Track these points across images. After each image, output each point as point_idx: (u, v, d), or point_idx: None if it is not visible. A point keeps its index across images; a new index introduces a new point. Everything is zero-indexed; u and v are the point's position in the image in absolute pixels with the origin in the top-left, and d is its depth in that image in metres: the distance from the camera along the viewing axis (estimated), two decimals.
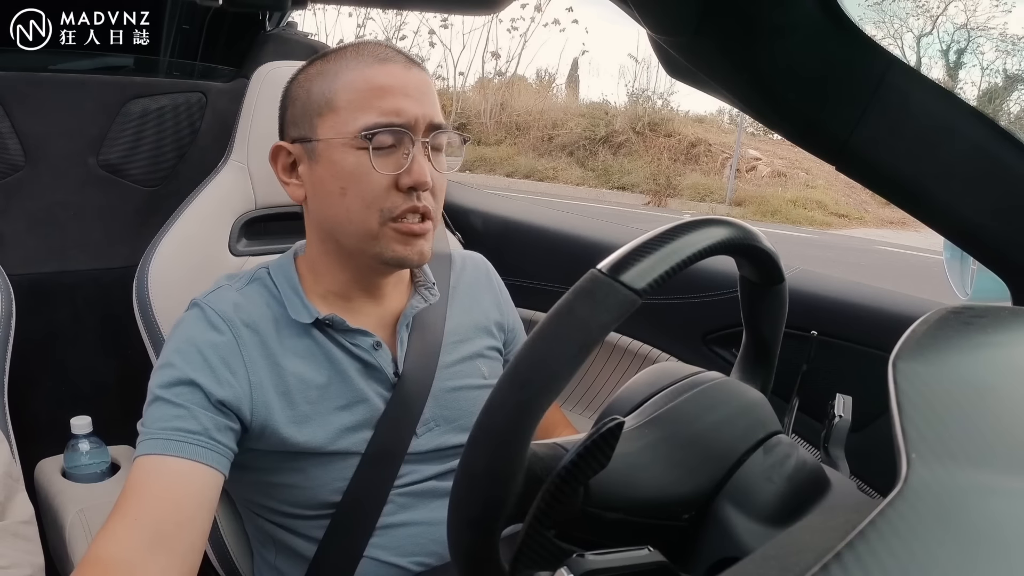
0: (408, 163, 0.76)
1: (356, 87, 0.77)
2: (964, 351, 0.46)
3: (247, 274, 0.87)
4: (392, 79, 0.77)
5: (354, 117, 0.77)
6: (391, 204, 0.77)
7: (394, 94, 0.77)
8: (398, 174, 0.77)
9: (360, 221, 0.78)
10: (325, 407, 0.81)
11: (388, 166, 0.76)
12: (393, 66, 0.78)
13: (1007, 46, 13.21)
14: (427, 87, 0.80)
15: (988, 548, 0.28)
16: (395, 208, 0.77)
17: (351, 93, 0.77)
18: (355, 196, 0.78)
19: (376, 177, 0.76)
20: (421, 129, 0.77)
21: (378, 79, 0.77)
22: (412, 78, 0.78)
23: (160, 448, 0.71)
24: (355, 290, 0.85)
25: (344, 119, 0.77)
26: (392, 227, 0.78)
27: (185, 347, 0.77)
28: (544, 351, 0.42)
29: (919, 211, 0.68)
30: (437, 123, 0.79)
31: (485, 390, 0.90)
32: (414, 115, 0.77)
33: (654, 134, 11.50)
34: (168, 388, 0.75)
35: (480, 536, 0.44)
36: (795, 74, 0.65)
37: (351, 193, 0.78)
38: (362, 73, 0.78)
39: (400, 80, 0.78)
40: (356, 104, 0.77)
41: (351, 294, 0.85)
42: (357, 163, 0.76)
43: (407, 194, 0.77)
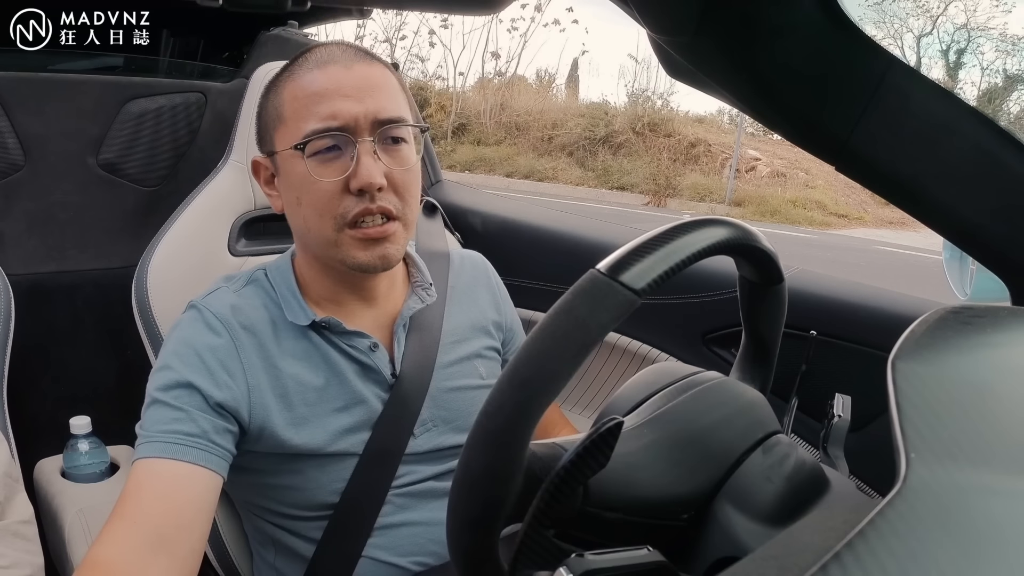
0: (353, 165, 0.75)
1: (297, 95, 0.77)
2: (963, 351, 0.46)
3: (244, 275, 0.87)
4: (329, 82, 0.76)
5: (297, 126, 0.76)
6: (343, 209, 0.76)
7: (330, 97, 0.75)
8: (346, 178, 0.75)
9: (317, 230, 0.78)
10: (323, 409, 0.81)
11: (333, 171, 0.75)
12: (332, 68, 0.76)
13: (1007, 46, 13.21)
14: (373, 82, 0.77)
15: (987, 548, 0.28)
16: (348, 213, 0.76)
17: (294, 102, 0.77)
18: (308, 205, 0.77)
19: (322, 184, 0.75)
20: (365, 128, 0.75)
21: (316, 84, 0.76)
22: (352, 76, 0.76)
23: (159, 451, 0.71)
24: (345, 294, 0.84)
25: (291, 129, 0.77)
26: (349, 234, 0.77)
27: (183, 350, 0.77)
28: (543, 351, 0.42)
29: (919, 211, 0.68)
30: (384, 118, 0.76)
31: (483, 391, 0.90)
32: (352, 115, 0.75)
33: (654, 134, 11.49)
34: (166, 391, 0.75)
35: (479, 536, 0.44)
36: (795, 74, 0.65)
37: (305, 202, 0.78)
38: (302, 80, 0.77)
39: (337, 81, 0.76)
40: (298, 113, 0.76)
41: (342, 299, 0.85)
42: (304, 172, 0.76)
43: (359, 197, 0.75)
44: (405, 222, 0.79)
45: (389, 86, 0.78)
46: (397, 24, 11.85)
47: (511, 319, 1.01)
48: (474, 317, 0.94)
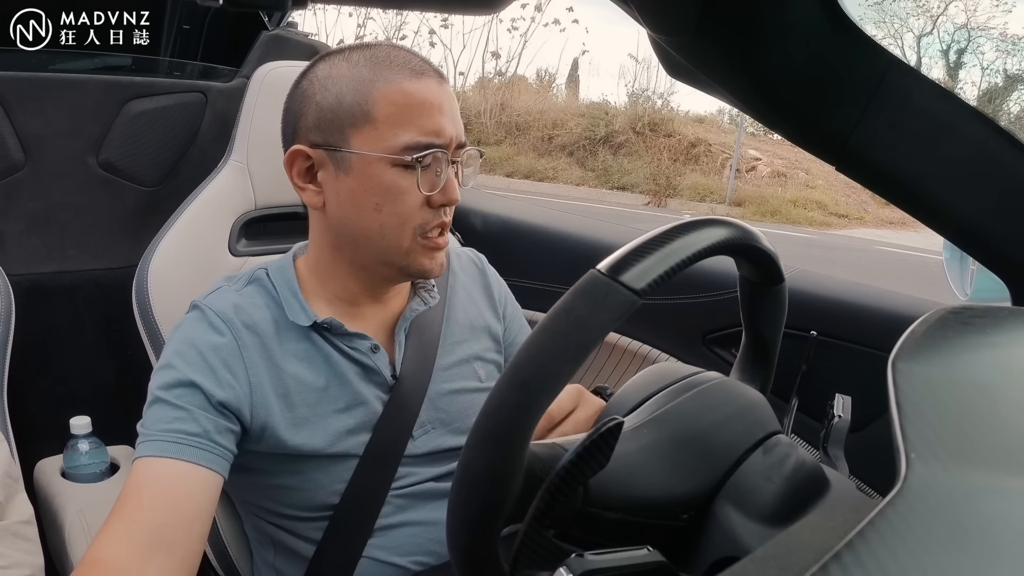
0: (444, 183, 0.77)
1: (395, 100, 0.75)
2: (963, 351, 0.46)
3: (246, 275, 0.87)
4: (430, 95, 0.77)
5: (394, 133, 0.75)
6: (423, 220, 0.78)
7: (432, 112, 0.76)
8: (432, 192, 0.77)
9: (394, 237, 0.79)
10: (324, 410, 0.81)
11: (425, 185, 0.77)
12: (429, 81, 0.77)
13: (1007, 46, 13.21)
14: (455, 103, 0.80)
15: (987, 548, 0.28)
16: (427, 224, 0.78)
17: (390, 107, 0.75)
18: (391, 213, 0.77)
19: (415, 195, 0.77)
20: (454, 146, 0.78)
21: (418, 94, 0.76)
22: (445, 94, 0.78)
23: (160, 450, 0.71)
24: (362, 296, 0.85)
25: (383, 133, 0.75)
26: (420, 242, 0.79)
27: (185, 348, 0.77)
28: (543, 351, 0.42)
29: (919, 211, 0.68)
30: (462, 141, 0.80)
31: (481, 393, 0.90)
32: (450, 135, 0.77)
33: (654, 134, 11.49)
34: (168, 389, 0.74)
35: (479, 536, 0.44)
36: (795, 74, 0.65)
37: (387, 210, 0.77)
38: (400, 86, 0.76)
39: (437, 97, 0.77)
40: (396, 119, 0.75)
41: (358, 300, 0.85)
42: (395, 180, 0.76)
43: (437, 210, 0.78)
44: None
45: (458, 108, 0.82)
46: (397, 24, 11.85)
47: (510, 308, 1.01)
48: (472, 317, 0.94)
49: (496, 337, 0.97)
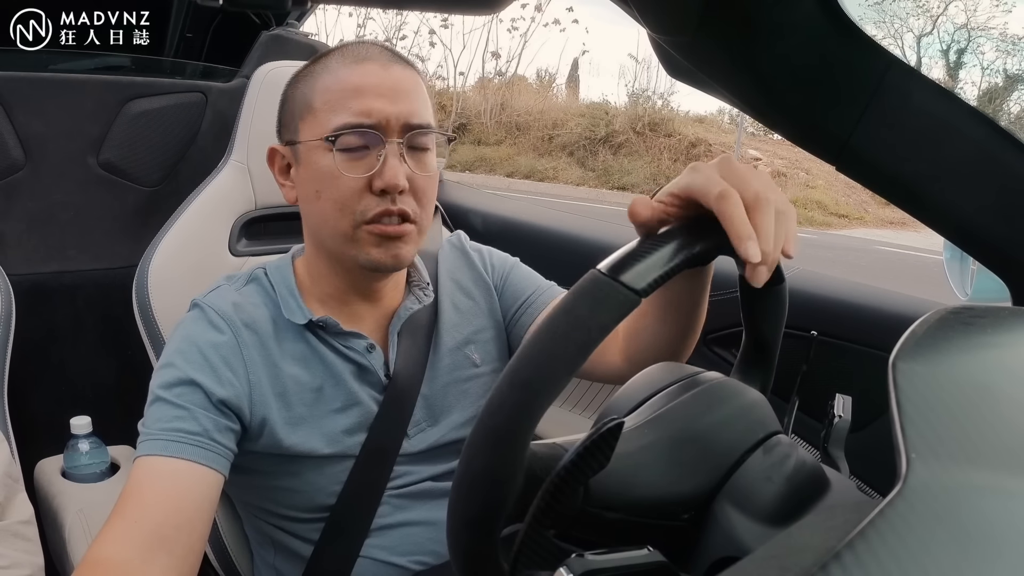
0: (380, 165, 0.75)
1: (332, 88, 0.77)
2: (964, 351, 0.46)
3: (245, 275, 0.87)
4: (367, 79, 0.76)
5: (328, 119, 0.76)
6: (364, 207, 0.76)
7: (366, 94, 0.75)
8: (370, 176, 0.75)
9: (334, 224, 0.78)
10: (320, 410, 0.81)
11: (358, 168, 0.75)
12: (371, 65, 0.77)
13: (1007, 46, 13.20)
14: (407, 86, 0.77)
15: (987, 548, 0.28)
16: (368, 211, 0.76)
17: (327, 94, 0.77)
18: (328, 199, 0.77)
19: (346, 180, 0.75)
20: (395, 129, 0.76)
21: (352, 79, 0.76)
22: (390, 76, 0.76)
23: (160, 449, 0.71)
24: (351, 294, 0.84)
25: (320, 121, 0.76)
26: (366, 229, 0.76)
27: (186, 347, 0.77)
28: (544, 351, 0.42)
29: (919, 211, 0.68)
30: (415, 123, 0.76)
31: (477, 379, 0.90)
32: (386, 115, 0.75)
33: (654, 134, 11.49)
34: (169, 388, 0.75)
35: (479, 536, 0.43)
36: (795, 74, 0.65)
37: (324, 196, 0.77)
38: (338, 74, 0.77)
39: (375, 79, 0.76)
40: (331, 105, 0.76)
41: (347, 298, 0.84)
42: (330, 165, 0.76)
43: (380, 197, 0.75)
44: (420, 227, 0.79)
45: (421, 92, 0.79)
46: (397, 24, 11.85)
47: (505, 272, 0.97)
48: (459, 302, 0.93)
49: (488, 312, 0.94)
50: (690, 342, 0.77)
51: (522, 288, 0.95)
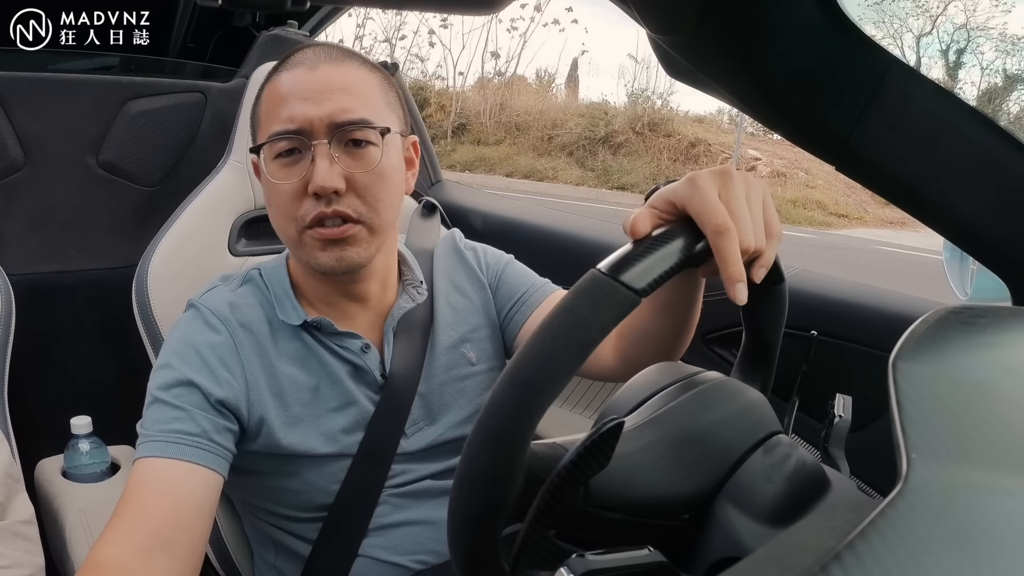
0: (308, 171, 0.74)
1: (267, 98, 0.78)
2: (964, 351, 0.46)
3: (240, 275, 0.87)
4: (291, 85, 0.76)
5: (265, 130, 0.77)
6: (303, 211, 0.75)
7: (289, 100, 0.75)
8: (305, 180, 0.75)
9: (282, 229, 0.79)
10: (318, 409, 0.81)
11: (292, 174, 0.75)
12: (298, 70, 0.76)
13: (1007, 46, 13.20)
14: (334, 84, 0.75)
15: (988, 548, 0.28)
16: (307, 215, 0.75)
17: (265, 105, 0.78)
18: (274, 205, 0.78)
19: (282, 186, 0.76)
20: (321, 130, 0.74)
21: (281, 87, 0.76)
22: (314, 78, 0.75)
23: (159, 451, 0.71)
24: (336, 296, 0.84)
25: (263, 132, 0.78)
26: (309, 234, 0.76)
27: (183, 348, 0.77)
28: (544, 351, 0.42)
29: (919, 211, 0.68)
30: (341, 121, 0.74)
31: (473, 378, 0.90)
32: (307, 118, 0.74)
33: (654, 134, 11.50)
34: (167, 389, 0.75)
35: (480, 536, 0.44)
36: (795, 74, 0.65)
37: (272, 203, 0.79)
38: (273, 83, 0.78)
39: (298, 84, 0.75)
40: (267, 115, 0.77)
41: (333, 300, 0.84)
42: (269, 172, 0.77)
43: (317, 200, 0.74)
44: (371, 226, 0.77)
45: (356, 87, 0.76)
46: (397, 24, 11.85)
47: (500, 270, 0.96)
48: (454, 300, 0.93)
49: (483, 311, 0.94)
50: (684, 341, 0.77)
51: (516, 286, 0.94)
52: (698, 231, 0.49)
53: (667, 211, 0.52)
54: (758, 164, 11.25)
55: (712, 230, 0.49)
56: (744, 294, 0.49)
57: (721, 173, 0.53)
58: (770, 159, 11.41)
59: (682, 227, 0.49)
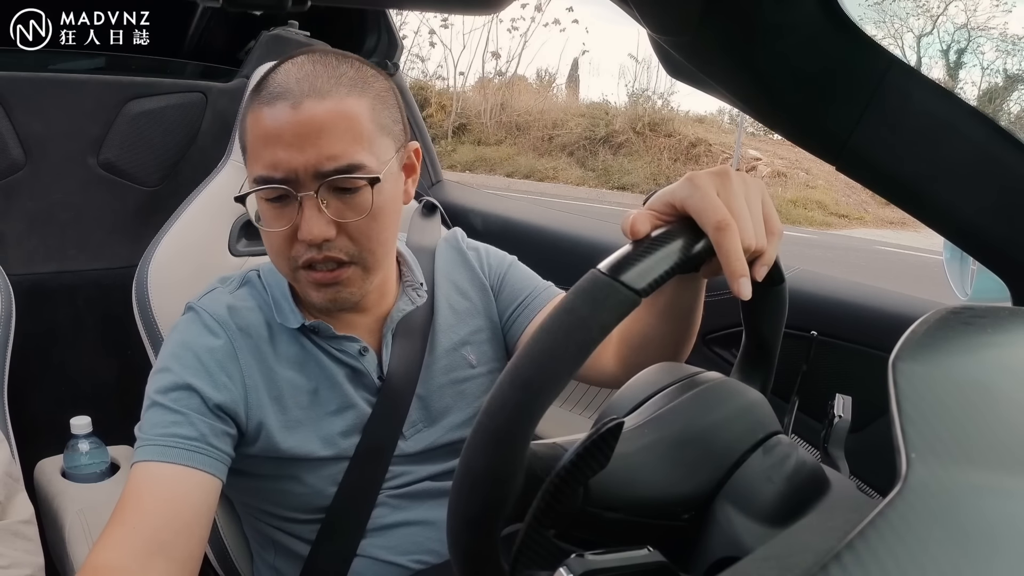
0: (298, 218, 0.71)
1: (251, 131, 0.73)
2: (964, 351, 0.46)
3: (238, 277, 0.86)
4: (273, 124, 0.70)
5: (251, 164, 0.73)
6: (296, 253, 0.74)
7: (273, 144, 0.70)
8: (294, 227, 0.72)
9: (277, 265, 0.78)
10: (316, 413, 0.81)
11: (282, 220, 0.72)
12: (280, 106, 0.69)
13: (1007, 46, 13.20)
14: (317, 125, 0.69)
15: (987, 548, 0.28)
16: (299, 257, 0.74)
17: (249, 136, 0.73)
18: (267, 243, 0.77)
19: (273, 232, 0.74)
20: (307, 180, 0.70)
21: (263, 124, 0.70)
22: (297, 118, 0.69)
23: (158, 455, 0.71)
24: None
25: (250, 166, 0.74)
26: (303, 274, 0.75)
27: (181, 351, 0.77)
28: (544, 351, 0.42)
29: (919, 211, 0.68)
30: (328, 170, 0.70)
31: (472, 381, 0.89)
32: (293, 167, 0.69)
33: (654, 134, 11.50)
34: (165, 393, 0.74)
35: (479, 536, 0.44)
36: (795, 74, 0.65)
37: (266, 241, 0.77)
38: (254, 114, 0.72)
39: (280, 126, 0.69)
40: (252, 151, 0.73)
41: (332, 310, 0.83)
42: (260, 214, 0.75)
43: (308, 245, 0.72)
44: (365, 266, 0.76)
45: (344, 123, 0.70)
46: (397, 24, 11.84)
47: (502, 271, 0.95)
48: (455, 302, 0.92)
49: (484, 313, 0.93)
50: (686, 346, 0.77)
51: (519, 289, 0.94)
52: (698, 231, 0.49)
53: (666, 212, 0.52)
54: (758, 164, 11.24)
55: (713, 227, 0.49)
56: (748, 289, 0.49)
57: (719, 173, 0.53)
58: (770, 159, 11.41)
59: (681, 227, 0.49)
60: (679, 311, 0.72)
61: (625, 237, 0.50)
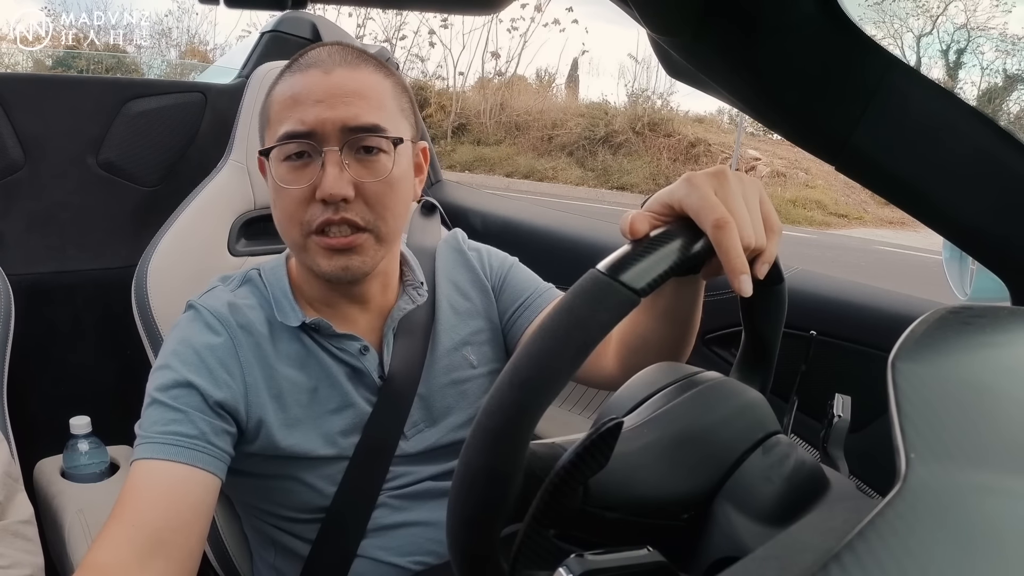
0: (319, 174, 0.73)
1: (278, 98, 0.76)
2: (963, 351, 0.46)
3: (240, 275, 0.87)
4: (305, 87, 0.74)
5: (275, 130, 0.75)
6: (310, 216, 0.75)
7: (303, 102, 0.73)
8: (313, 185, 0.73)
9: (287, 233, 0.78)
10: (315, 411, 0.81)
11: (302, 178, 0.74)
12: (313, 72, 0.74)
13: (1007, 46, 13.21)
14: (349, 88, 0.73)
15: (986, 548, 0.28)
16: (313, 220, 0.74)
17: (276, 105, 0.76)
18: (280, 208, 0.77)
19: (290, 190, 0.74)
20: (332, 136, 0.73)
21: (294, 88, 0.74)
22: (329, 81, 0.73)
23: (157, 452, 0.71)
24: (335, 296, 0.83)
25: (272, 132, 0.76)
26: (315, 240, 0.76)
27: (182, 349, 0.77)
28: (544, 350, 0.42)
29: (919, 211, 0.68)
30: (354, 126, 0.73)
31: (473, 381, 0.90)
32: (320, 121, 0.72)
33: (654, 134, 11.50)
34: (165, 391, 0.74)
35: (479, 535, 0.43)
36: (795, 74, 0.65)
37: (277, 205, 0.78)
38: (286, 83, 0.76)
39: (312, 86, 0.73)
40: (277, 116, 0.76)
41: (333, 300, 0.84)
42: (277, 174, 0.76)
43: (324, 205, 0.74)
44: (378, 235, 0.77)
45: (372, 92, 0.75)
46: (397, 24, 11.86)
47: (504, 272, 0.96)
48: (456, 303, 0.92)
49: (485, 313, 0.93)
50: (685, 349, 0.77)
51: (520, 290, 0.94)
52: (696, 230, 0.49)
53: (664, 213, 0.52)
54: (758, 164, 11.24)
55: (711, 224, 0.49)
56: (749, 286, 0.49)
57: (716, 173, 0.53)
58: (770, 159, 11.41)
59: (680, 227, 0.49)
60: (678, 314, 0.72)
61: (624, 237, 0.50)
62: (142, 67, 8.15)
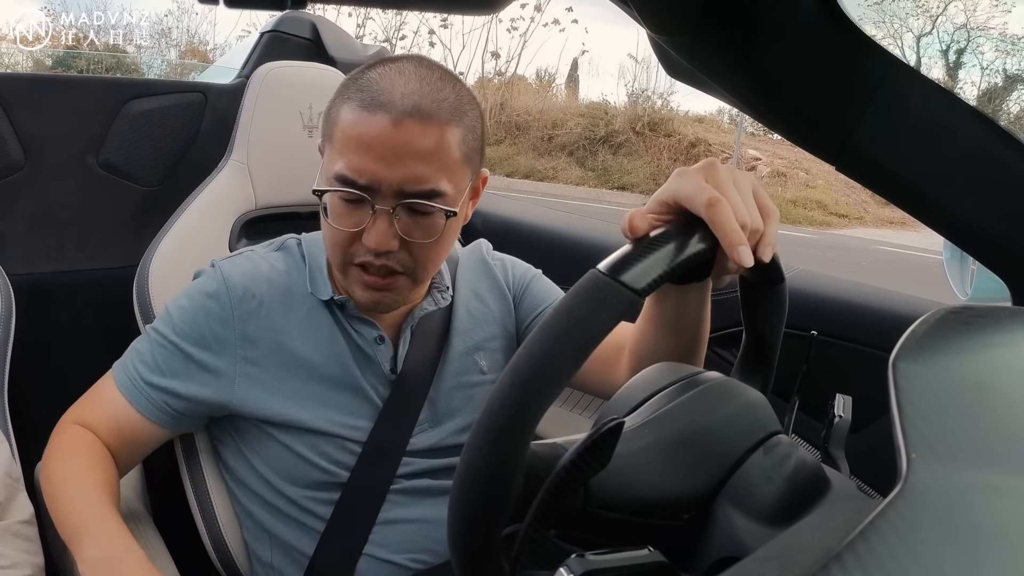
0: (368, 224, 0.73)
1: (344, 127, 0.73)
2: (964, 351, 0.46)
3: (279, 240, 0.90)
4: (370, 132, 0.70)
5: (334, 159, 0.74)
6: (353, 250, 0.76)
7: (364, 152, 0.71)
8: (353, 230, 0.74)
9: (332, 254, 0.80)
10: (317, 385, 0.83)
11: (350, 220, 0.74)
12: (380, 116, 0.70)
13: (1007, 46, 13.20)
14: (416, 147, 0.70)
15: (988, 548, 0.28)
16: (355, 256, 0.76)
17: (340, 131, 0.73)
18: (328, 233, 0.78)
19: (338, 228, 0.75)
20: (387, 194, 0.72)
21: (360, 128, 0.71)
22: (395, 136, 0.70)
23: (125, 388, 0.83)
24: None
25: (332, 154, 0.75)
26: (354, 270, 0.77)
27: (187, 304, 0.83)
28: (544, 351, 0.42)
29: (919, 211, 0.68)
30: (411, 191, 0.72)
31: (481, 387, 0.90)
32: (378, 179, 0.71)
33: (654, 134, 11.50)
34: (160, 335, 0.82)
35: (480, 535, 0.44)
36: (795, 74, 0.65)
37: (326, 230, 0.78)
38: (354, 114, 0.72)
39: (375, 136, 0.70)
40: (339, 147, 0.73)
41: None
42: (330, 207, 0.75)
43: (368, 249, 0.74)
44: (415, 278, 0.79)
45: (436, 153, 0.72)
46: (397, 24, 11.85)
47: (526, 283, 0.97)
48: (474, 309, 0.93)
49: (501, 321, 0.94)
50: (697, 358, 0.77)
51: (539, 300, 0.96)
52: (694, 227, 0.49)
53: (661, 211, 0.53)
54: (758, 164, 11.24)
55: (704, 205, 0.49)
56: (749, 255, 0.49)
57: (706, 164, 0.54)
58: (770, 159, 11.41)
59: (679, 226, 0.49)
60: (686, 323, 0.73)
61: (625, 237, 0.50)
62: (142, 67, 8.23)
